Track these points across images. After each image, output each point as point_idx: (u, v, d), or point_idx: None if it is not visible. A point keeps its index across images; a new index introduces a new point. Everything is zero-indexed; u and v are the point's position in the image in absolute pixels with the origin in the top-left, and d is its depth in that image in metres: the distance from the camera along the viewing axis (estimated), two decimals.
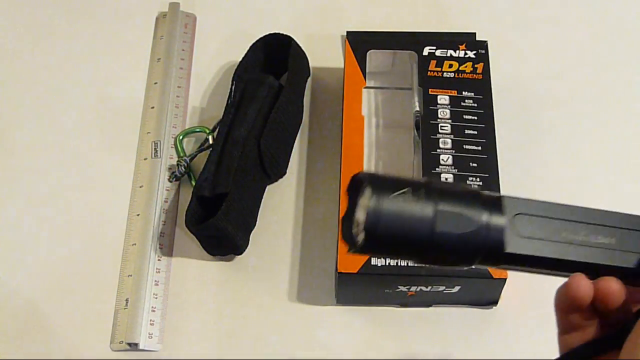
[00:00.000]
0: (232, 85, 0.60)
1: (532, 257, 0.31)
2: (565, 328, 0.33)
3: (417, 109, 0.56)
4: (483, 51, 0.59)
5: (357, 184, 0.30)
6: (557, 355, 0.33)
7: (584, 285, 0.31)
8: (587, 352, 0.33)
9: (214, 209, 0.53)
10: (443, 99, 0.56)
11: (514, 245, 0.31)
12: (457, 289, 0.51)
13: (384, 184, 0.30)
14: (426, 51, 0.59)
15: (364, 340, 0.54)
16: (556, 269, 0.32)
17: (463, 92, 0.56)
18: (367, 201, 0.29)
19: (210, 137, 0.60)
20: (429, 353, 0.53)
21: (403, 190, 0.29)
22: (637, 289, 0.34)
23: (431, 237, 0.29)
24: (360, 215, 0.29)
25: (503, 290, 0.51)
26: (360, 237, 0.29)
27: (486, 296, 0.53)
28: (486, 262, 0.31)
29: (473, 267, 0.32)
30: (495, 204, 0.31)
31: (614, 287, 0.31)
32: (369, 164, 0.59)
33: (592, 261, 0.32)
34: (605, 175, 0.60)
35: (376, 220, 0.29)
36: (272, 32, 0.62)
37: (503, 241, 0.30)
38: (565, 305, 0.32)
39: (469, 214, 0.30)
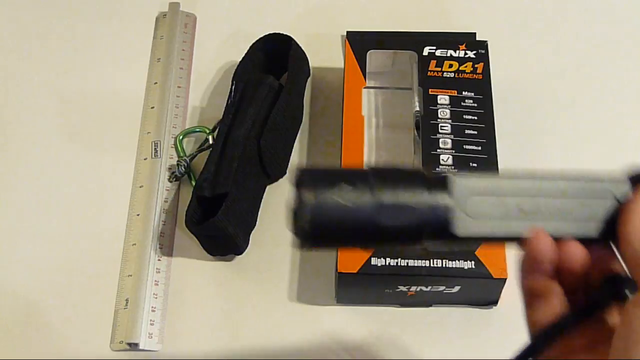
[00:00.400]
0: (232, 85, 0.60)
1: (486, 237, 0.31)
2: (530, 301, 0.33)
3: (417, 109, 0.56)
4: (483, 51, 0.59)
5: (300, 178, 0.30)
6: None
7: (544, 242, 0.30)
8: (557, 330, 0.32)
9: (214, 209, 0.53)
10: (443, 99, 0.56)
11: (464, 227, 0.30)
12: (457, 289, 0.51)
13: (324, 179, 0.29)
14: (426, 51, 0.59)
15: (364, 340, 0.54)
16: (514, 242, 0.32)
17: (463, 92, 0.56)
18: (308, 197, 0.29)
19: (210, 137, 0.60)
20: (429, 353, 0.53)
21: (344, 185, 0.29)
22: (601, 256, 0.33)
23: (375, 229, 0.29)
24: (302, 211, 0.29)
25: (503, 290, 0.51)
26: (305, 233, 0.29)
27: (486, 296, 0.53)
28: (439, 243, 0.31)
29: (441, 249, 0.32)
30: (441, 185, 0.30)
31: (577, 251, 0.31)
32: (369, 164, 0.58)
33: (551, 233, 0.31)
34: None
35: (317, 218, 0.29)
36: (272, 32, 0.62)
37: (452, 224, 0.30)
38: (529, 266, 0.31)
39: (413, 202, 0.29)
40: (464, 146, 0.54)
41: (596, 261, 0.33)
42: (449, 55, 0.58)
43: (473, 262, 0.49)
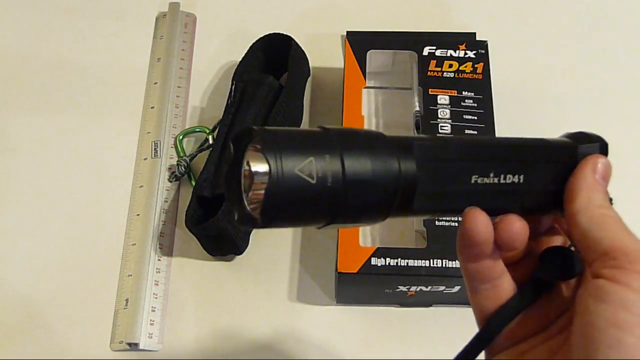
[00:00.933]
0: (232, 85, 0.60)
1: (440, 210, 0.30)
2: (475, 285, 0.32)
3: (417, 109, 0.56)
4: (483, 51, 0.59)
5: (246, 137, 0.26)
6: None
7: (480, 222, 0.29)
8: (506, 315, 0.31)
9: (214, 209, 0.53)
10: (443, 99, 0.56)
11: (422, 201, 0.28)
12: (457, 289, 0.51)
13: (286, 150, 0.25)
14: (426, 51, 0.59)
15: (364, 340, 0.54)
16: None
17: (463, 92, 0.56)
18: (262, 168, 0.25)
19: (210, 137, 0.60)
20: (429, 353, 0.53)
21: (307, 161, 0.25)
22: (539, 223, 0.33)
23: (340, 207, 0.26)
24: (254, 184, 0.25)
25: None
26: (256, 212, 0.26)
27: None
28: (396, 216, 0.29)
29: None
30: (406, 152, 0.28)
31: (517, 226, 0.30)
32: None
33: (502, 205, 0.30)
34: None
35: (279, 197, 0.25)
36: (272, 32, 0.62)
37: (412, 199, 0.28)
38: (466, 248, 0.30)
39: (379, 175, 0.27)
40: None
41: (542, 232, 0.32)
42: (449, 55, 0.58)
43: None
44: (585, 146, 0.32)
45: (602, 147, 0.32)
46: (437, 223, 0.51)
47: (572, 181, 0.31)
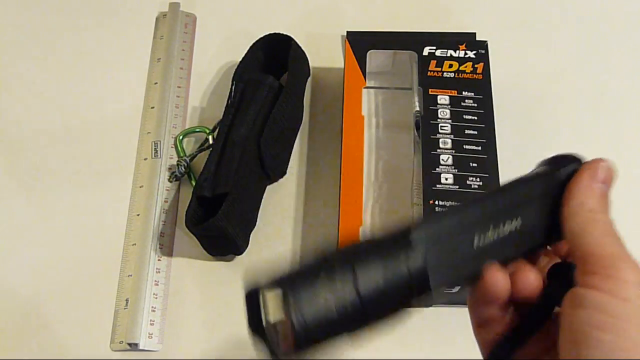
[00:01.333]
0: (232, 85, 0.60)
1: (457, 282, 0.31)
2: (480, 322, 0.33)
3: (417, 109, 0.56)
4: (483, 51, 0.59)
5: (256, 293, 0.28)
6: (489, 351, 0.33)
7: (501, 279, 0.30)
8: (510, 346, 0.32)
9: (214, 209, 0.53)
10: (443, 99, 0.56)
11: (436, 279, 0.30)
12: (457, 289, 0.51)
13: (292, 282, 0.27)
14: (426, 51, 0.59)
15: (364, 340, 0.54)
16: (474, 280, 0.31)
17: (463, 92, 0.56)
18: (281, 307, 0.27)
19: (210, 137, 0.60)
20: (429, 353, 0.53)
21: (323, 300, 0.27)
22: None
23: (363, 322, 0.29)
24: (280, 324, 0.27)
25: None
26: (290, 348, 0.27)
27: None
28: (420, 302, 0.31)
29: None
30: (409, 248, 0.29)
31: (531, 278, 0.31)
32: (369, 164, 0.59)
33: (506, 255, 0.31)
34: None
35: (304, 326, 0.27)
36: (272, 32, 0.62)
37: (428, 285, 0.29)
38: (483, 302, 0.32)
39: (393, 283, 0.28)
40: (464, 146, 0.54)
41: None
42: (449, 55, 0.58)
43: None
44: (565, 169, 0.32)
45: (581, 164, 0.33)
46: None
47: (570, 186, 0.31)
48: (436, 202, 0.51)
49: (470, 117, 0.55)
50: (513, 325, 0.32)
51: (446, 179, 0.52)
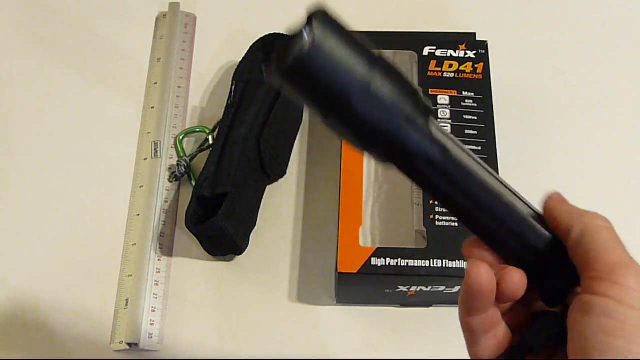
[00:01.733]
0: (232, 85, 0.60)
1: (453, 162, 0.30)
2: (475, 338, 0.32)
3: None
4: (483, 51, 0.59)
5: (319, 16, 0.29)
6: None
7: (484, 272, 0.30)
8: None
9: (214, 209, 0.53)
10: (443, 99, 0.56)
11: (437, 133, 0.29)
12: (457, 289, 0.51)
13: (338, 31, 0.29)
14: (426, 51, 0.59)
15: (364, 340, 0.54)
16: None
17: (463, 92, 0.56)
18: (316, 34, 0.28)
19: (210, 137, 0.60)
20: (429, 353, 0.53)
21: (353, 45, 0.29)
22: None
23: (347, 106, 0.28)
24: (302, 43, 0.27)
25: None
26: (290, 59, 0.27)
27: None
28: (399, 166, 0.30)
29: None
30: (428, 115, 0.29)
31: (515, 277, 0.31)
32: (369, 164, 0.59)
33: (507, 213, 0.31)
34: (606, 175, 0.60)
35: (311, 56, 0.27)
36: (272, 32, 0.62)
37: (429, 122, 0.29)
38: (472, 302, 0.31)
39: (397, 106, 0.29)
40: None
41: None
42: (449, 55, 0.58)
43: None
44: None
45: None
46: (437, 223, 0.51)
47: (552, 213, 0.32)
48: (436, 202, 0.51)
49: (470, 117, 0.55)
50: (503, 341, 0.32)
51: None
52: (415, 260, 0.49)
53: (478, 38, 0.63)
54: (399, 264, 0.49)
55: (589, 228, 0.30)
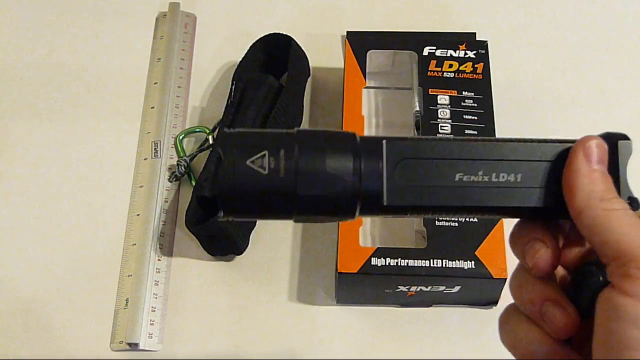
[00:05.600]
0: (232, 85, 0.60)
1: (418, 207, 0.28)
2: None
3: (417, 109, 0.56)
4: (483, 51, 0.59)
5: (222, 142, 0.28)
6: None
7: (544, 255, 0.28)
8: None
9: (214, 209, 0.53)
10: (443, 99, 0.56)
11: (394, 196, 0.28)
12: (457, 289, 0.51)
13: (241, 145, 0.27)
14: (426, 51, 0.59)
15: (364, 340, 0.54)
16: (453, 213, 0.30)
17: (463, 92, 0.56)
18: (226, 163, 0.27)
19: (210, 137, 0.60)
20: (429, 353, 0.53)
21: (260, 155, 0.27)
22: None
23: (293, 199, 0.27)
24: (219, 177, 0.27)
25: (503, 290, 0.51)
26: (221, 200, 0.27)
27: (486, 296, 0.53)
28: (368, 214, 0.29)
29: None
30: (373, 149, 0.28)
31: (542, 252, 0.29)
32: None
33: (499, 204, 0.29)
34: None
35: (230, 187, 0.27)
36: (272, 32, 0.62)
37: (381, 193, 0.28)
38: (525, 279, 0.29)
39: (336, 168, 0.27)
40: None
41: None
42: (449, 55, 0.58)
43: (473, 262, 0.49)
44: (558, 145, 0.31)
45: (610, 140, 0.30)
46: (437, 223, 0.51)
47: (567, 175, 0.28)
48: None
49: (470, 117, 0.55)
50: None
51: None
52: (415, 260, 0.49)
53: (478, 38, 0.63)
54: (399, 264, 0.49)
55: (601, 215, 0.27)
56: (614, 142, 0.30)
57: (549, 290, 0.29)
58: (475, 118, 0.55)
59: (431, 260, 0.49)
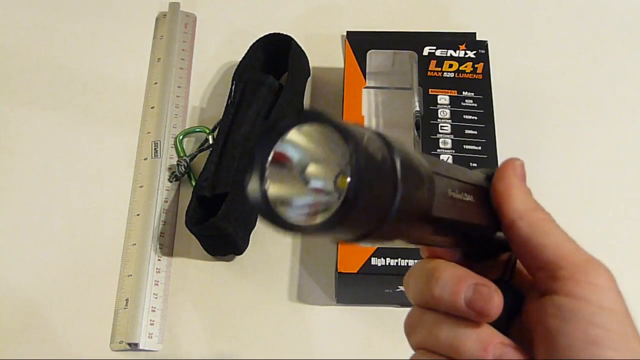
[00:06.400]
0: (232, 85, 0.60)
1: (449, 219, 0.27)
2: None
3: (417, 109, 0.56)
4: (483, 51, 0.59)
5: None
6: None
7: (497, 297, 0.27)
8: None
9: (214, 209, 0.53)
10: (443, 99, 0.56)
11: (438, 207, 0.26)
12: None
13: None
14: (426, 51, 0.59)
15: (364, 340, 0.54)
16: (452, 231, 0.29)
17: (463, 92, 0.56)
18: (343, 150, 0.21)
19: (210, 137, 0.60)
20: None
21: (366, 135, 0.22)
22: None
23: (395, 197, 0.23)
24: (322, 171, 0.22)
25: None
26: (335, 205, 0.22)
27: None
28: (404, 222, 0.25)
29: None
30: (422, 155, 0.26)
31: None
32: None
33: (467, 220, 0.29)
34: (606, 175, 0.60)
35: (360, 178, 0.21)
36: (272, 32, 0.62)
37: (433, 198, 0.26)
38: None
39: (417, 159, 0.25)
40: (464, 146, 0.54)
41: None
42: (449, 55, 0.58)
43: None
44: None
45: None
46: None
47: (500, 189, 0.30)
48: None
49: (470, 117, 0.55)
50: None
51: None
52: (415, 260, 0.49)
53: (478, 38, 0.63)
54: (399, 264, 0.49)
55: (536, 223, 0.28)
56: None
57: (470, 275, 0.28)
58: (475, 118, 0.55)
59: None
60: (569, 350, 0.26)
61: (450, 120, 0.55)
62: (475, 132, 0.54)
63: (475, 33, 0.64)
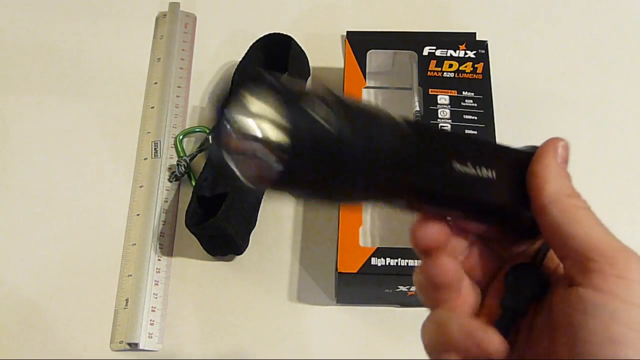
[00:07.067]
0: (232, 85, 0.60)
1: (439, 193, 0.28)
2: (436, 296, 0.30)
3: (417, 109, 0.56)
4: (483, 51, 0.59)
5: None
6: None
7: (450, 267, 0.28)
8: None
9: (214, 209, 0.53)
10: (443, 99, 0.56)
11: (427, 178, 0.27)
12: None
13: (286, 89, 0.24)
14: (426, 51, 0.59)
15: (364, 340, 0.54)
16: (448, 207, 0.29)
17: (463, 92, 0.56)
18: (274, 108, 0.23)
19: (210, 137, 0.60)
20: None
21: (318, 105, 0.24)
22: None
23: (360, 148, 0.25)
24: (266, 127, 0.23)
25: None
26: (279, 158, 0.23)
27: None
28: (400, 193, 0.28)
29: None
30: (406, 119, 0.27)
31: (445, 263, 0.28)
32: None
33: (479, 198, 0.28)
34: (606, 174, 0.60)
35: (300, 132, 0.22)
36: (272, 32, 0.62)
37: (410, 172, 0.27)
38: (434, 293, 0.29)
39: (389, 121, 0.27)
40: None
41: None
42: (449, 55, 0.58)
43: None
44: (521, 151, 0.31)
45: None
46: None
47: (536, 170, 0.29)
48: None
49: (470, 117, 0.55)
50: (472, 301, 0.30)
51: None
52: (415, 260, 0.49)
53: (478, 38, 0.63)
54: (399, 264, 0.49)
55: (569, 210, 0.27)
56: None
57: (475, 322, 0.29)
58: (475, 118, 0.55)
59: None
60: (588, 346, 0.25)
61: (450, 120, 0.55)
62: (475, 132, 0.54)
63: (475, 33, 0.64)
